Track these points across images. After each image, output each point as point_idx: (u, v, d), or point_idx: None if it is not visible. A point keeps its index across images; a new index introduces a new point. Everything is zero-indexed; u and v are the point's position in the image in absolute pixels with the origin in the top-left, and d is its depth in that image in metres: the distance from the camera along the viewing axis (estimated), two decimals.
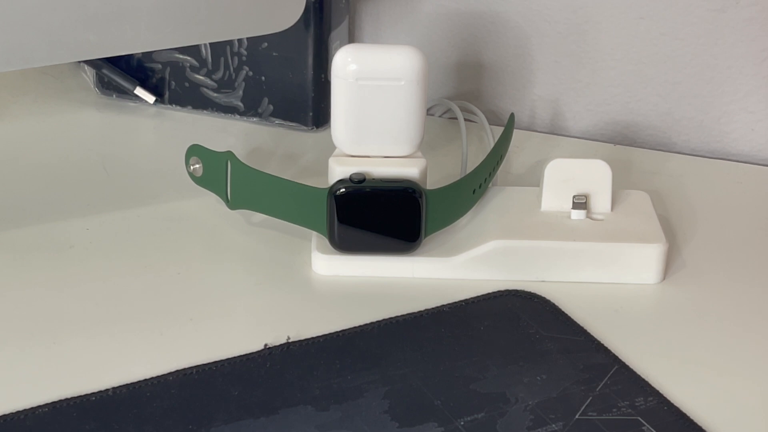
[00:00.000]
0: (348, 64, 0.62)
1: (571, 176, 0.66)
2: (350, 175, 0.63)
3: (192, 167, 0.69)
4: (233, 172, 0.67)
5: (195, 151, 0.69)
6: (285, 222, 0.67)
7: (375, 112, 0.63)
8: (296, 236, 0.68)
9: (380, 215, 0.63)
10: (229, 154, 0.67)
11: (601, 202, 0.67)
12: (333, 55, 0.63)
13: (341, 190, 0.63)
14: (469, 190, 0.66)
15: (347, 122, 0.64)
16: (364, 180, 0.63)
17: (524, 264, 0.64)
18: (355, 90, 0.63)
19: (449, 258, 0.65)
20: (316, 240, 0.66)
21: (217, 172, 0.68)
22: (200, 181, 0.70)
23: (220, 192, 0.68)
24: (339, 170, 0.64)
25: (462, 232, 0.66)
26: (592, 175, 0.66)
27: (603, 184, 0.66)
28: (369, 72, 0.62)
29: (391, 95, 0.63)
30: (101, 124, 0.84)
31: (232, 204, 0.68)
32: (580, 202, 0.66)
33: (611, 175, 0.66)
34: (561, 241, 0.64)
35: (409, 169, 0.64)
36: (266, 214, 0.67)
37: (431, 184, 0.65)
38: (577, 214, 0.66)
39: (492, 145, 0.74)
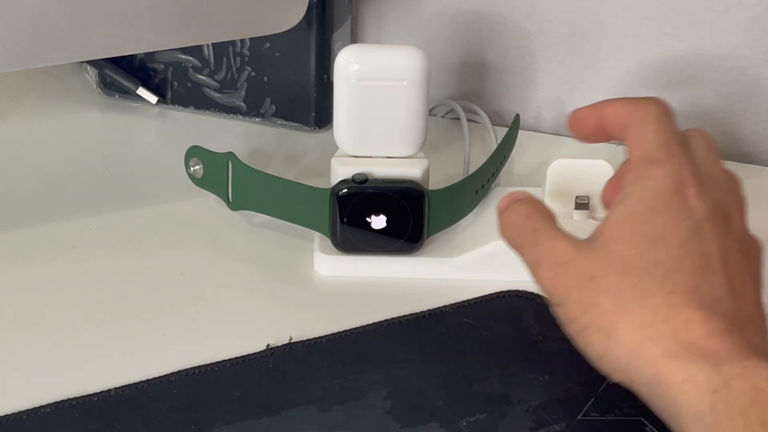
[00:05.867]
0: (350, 65, 0.62)
1: (573, 177, 0.66)
2: (352, 176, 0.63)
3: (192, 168, 0.69)
4: (234, 173, 0.67)
5: (195, 153, 0.69)
6: (287, 222, 0.67)
7: (377, 112, 0.63)
8: (298, 237, 0.68)
9: (383, 215, 0.63)
10: (230, 155, 0.67)
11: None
12: (335, 56, 0.63)
13: (344, 191, 0.63)
14: (472, 191, 0.66)
15: (349, 122, 0.64)
16: (366, 180, 0.63)
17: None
18: (358, 90, 0.63)
19: (452, 258, 0.65)
20: (318, 240, 0.66)
21: (217, 174, 0.68)
22: (201, 182, 0.70)
23: (221, 193, 0.68)
24: (341, 170, 0.64)
25: (465, 233, 0.66)
26: (595, 175, 0.66)
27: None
28: (371, 72, 0.62)
29: (394, 95, 0.63)
30: (103, 125, 0.84)
31: (234, 205, 0.68)
32: (583, 203, 0.66)
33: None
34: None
35: (411, 170, 0.64)
36: (268, 214, 0.67)
37: (434, 185, 0.65)
38: (579, 215, 0.66)
39: (495, 145, 0.74)
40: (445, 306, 0.63)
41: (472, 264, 0.65)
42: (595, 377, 0.57)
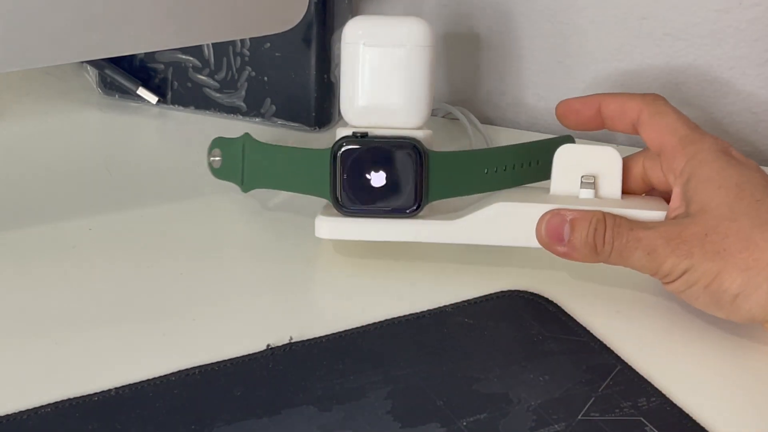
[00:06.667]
0: (357, 30, 0.64)
1: (580, 162, 0.65)
2: (353, 132, 0.63)
3: (212, 159, 0.70)
4: (248, 153, 0.67)
5: (217, 144, 0.70)
6: (287, 222, 0.67)
7: (383, 77, 0.64)
8: (299, 237, 0.68)
9: (382, 171, 0.63)
10: (246, 136, 0.67)
11: (611, 188, 0.65)
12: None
13: (344, 146, 0.63)
14: (480, 168, 0.64)
15: (355, 91, 0.64)
16: (366, 135, 0.63)
17: (529, 227, 0.63)
18: (364, 55, 0.63)
19: (453, 221, 0.64)
20: (322, 209, 0.66)
21: (234, 159, 0.68)
22: (218, 172, 0.70)
23: (236, 178, 0.68)
24: (344, 132, 0.64)
25: (468, 199, 0.66)
26: (603, 162, 0.65)
27: (613, 170, 0.65)
28: (377, 37, 0.64)
29: (398, 60, 0.63)
30: (104, 125, 0.84)
31: (246, 186, 0.68)
32: (589, 182, 0.65)
33: (621, 162, 0.65)
34: (567, 205, 0.63)
35: (414, 133, 0.64)
36: (276, 188, 0.68)
37: None
38: (586, 194, 0.65)
39: (490, 146, 0.74)
40: (445, 306, 0.63)
41: (473, 226, 0.64)
42: (596, 377, 0.57)
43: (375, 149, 0.63)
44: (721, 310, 0.58)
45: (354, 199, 0.64)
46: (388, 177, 0.63)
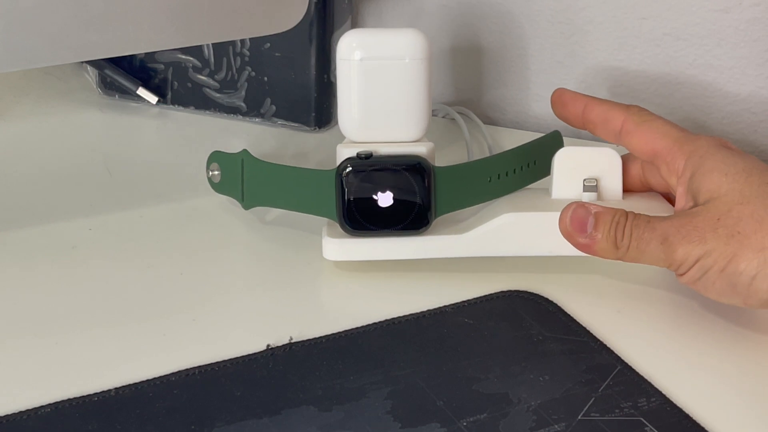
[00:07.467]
0: (352, 45, 0.63)
1: (580, 164, 0.65)
2: (357, 153, 0.63)
3: (211, 173, 0.70)
4: (246, 170, 0.67)
5: (215, 158, 0.69)
6: (288, 223, 0.67)
7: (380, 92, 0.63)
8: (299, 237, 0.68)
9: (389, 191, 0.63)
10: (244, 153, 0.67)
11: (612, 189, 0.65)
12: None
13: (349, 168, 0.63)
14: (484, 177, 0.65)
15: (353, 106, 0.64)
16: (371, 156, 0.63)
17: (536, 237, 0.63)
18: (360, 70, 0.63)
19: (462, 235, 0.64)
20: (327, 228, 0.65)
21: (233, 175, 0.68)
22: (218, 187, 0.70)
23: (236, 194, 0.68)
24: (346, 152, 0.64)
25: (473, 215, 0.66)
26: (602, 163, 0.65)
27: (613, 171, 0.65)
28: (373, 51, 0.63)
29: (396, 74, 0.63)
30: (104, 125, 0.84)
31: (246, 203, 0.68)
32: (591, 185, 0.65)
33: (621, 163, 0.65)
34: None
35: (416, 148, 0.64)
36: (279, 207, 0.67)
37: None
38: (589, 197, 0.65)
39: (491, 145, 0.73)
40: (445, 306, 0.63)
41: (481, 239, 0.64)
42: (596, 377, 0.57)
43: (380, 170, 0.63)
44: (738, 295, 0.58)
45: (362, 220, 0.63)
46: (395, 197, 0.63)
